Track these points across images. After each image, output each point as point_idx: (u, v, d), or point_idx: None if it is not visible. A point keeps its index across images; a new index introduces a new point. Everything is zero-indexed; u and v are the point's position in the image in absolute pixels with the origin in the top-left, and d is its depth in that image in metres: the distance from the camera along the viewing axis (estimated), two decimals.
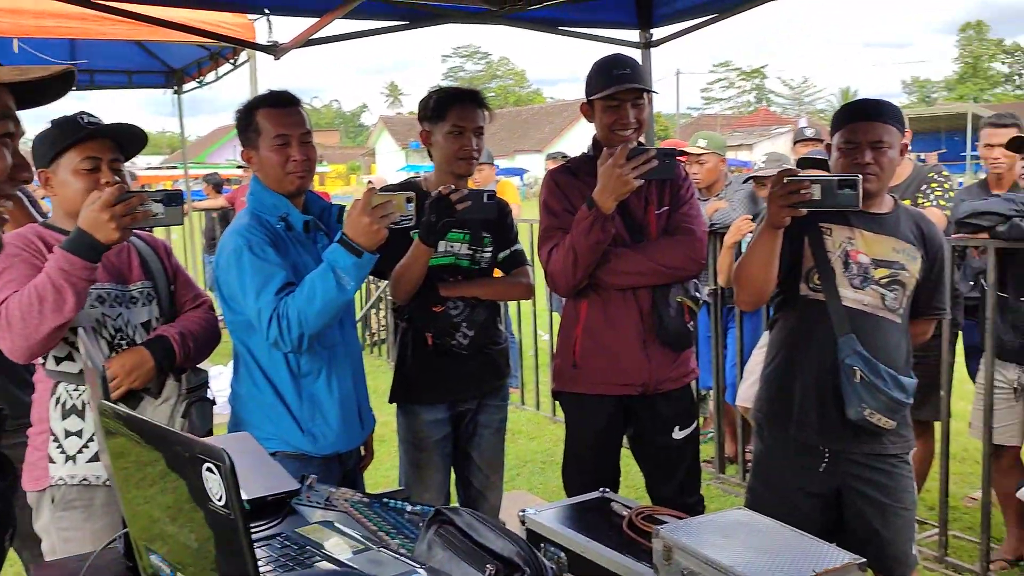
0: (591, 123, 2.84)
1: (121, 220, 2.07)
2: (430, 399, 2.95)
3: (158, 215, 2.16)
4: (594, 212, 2.61)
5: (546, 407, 6.26)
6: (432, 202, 2.68)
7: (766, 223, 2.39)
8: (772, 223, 2.37)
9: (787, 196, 2.29)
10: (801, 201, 2.29)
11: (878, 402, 2.39)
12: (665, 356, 2.82)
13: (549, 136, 52.51)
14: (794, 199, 2.29)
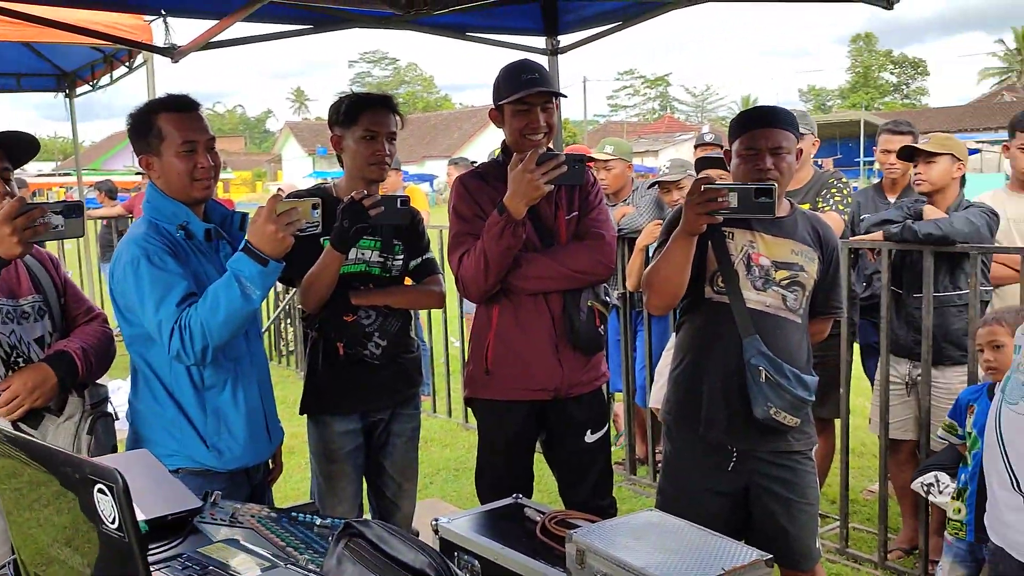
0: (500, 128, 2.84)
1: (23, 234, 1.98)
2: (342, 409, 2.90)
3: (58, 227, 2.06)
4: (505, 217, 2.60)
5: (458, 414, 6.24)
6: (344, 208, 2.64)
7: (681, 230, 2.41)
8: (688, 230, 2.40)
9: (704, 204, 2.33)
10: (718, 209, 2.33)
11: (783, 400, 2.45)
12: (577, 360, 2.83)
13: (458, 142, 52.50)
14: (711, 207, 2.32)
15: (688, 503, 2.46)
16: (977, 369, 3.30)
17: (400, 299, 2.94)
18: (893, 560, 3.84)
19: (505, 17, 4.08)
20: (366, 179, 2.84)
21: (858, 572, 3.83)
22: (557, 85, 2.77)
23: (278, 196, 2.32)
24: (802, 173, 4.02)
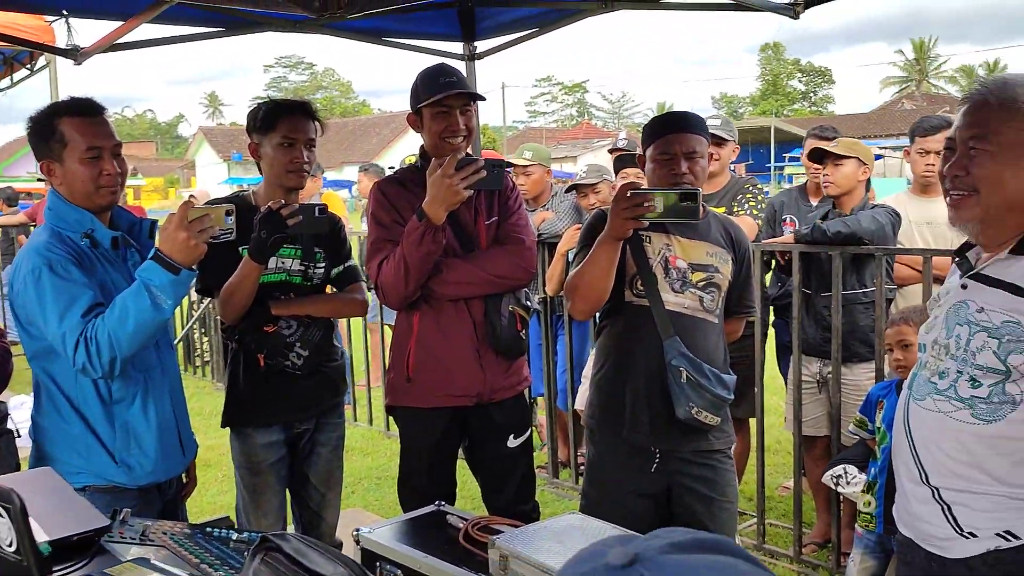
0: (419, 133, 2.83)
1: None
2: (264, 421, 2.85)
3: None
4: (424, 223, 2.59)
5: (379, 422, 6.17)
6: (261, 218, 2.59)
7: (607, 235, 2.43)
8: (614, 235, 2.41)
9: (632, 208, 2.35)
10: (644, 213, 2.35)
11: (704, 400, 2.49)
12: (499, 365, 2.83)
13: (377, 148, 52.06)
14: (638, 211, 2.35)
15: (612, 506, 2.48)
16: (884, 366, 3.42)
17: (322, 308, 2.90)
18: (808, 554, 3.95)
19: (422, 22, 4.06)
20: (285, 187, 2.80)
21: (775, 567, 3.92)
22: (475, 90, 2.77)
23: (190, 202, 2.26)
24: (720, 178, 4.12)
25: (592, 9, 3.78)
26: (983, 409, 1.73)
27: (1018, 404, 1.69)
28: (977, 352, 1.73)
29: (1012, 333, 1.69)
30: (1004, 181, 1.71)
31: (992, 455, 1.72)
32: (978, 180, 1.73)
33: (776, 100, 71.00)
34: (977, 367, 1.74)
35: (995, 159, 1.71)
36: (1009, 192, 1.72)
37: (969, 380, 1.75)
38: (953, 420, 1.77)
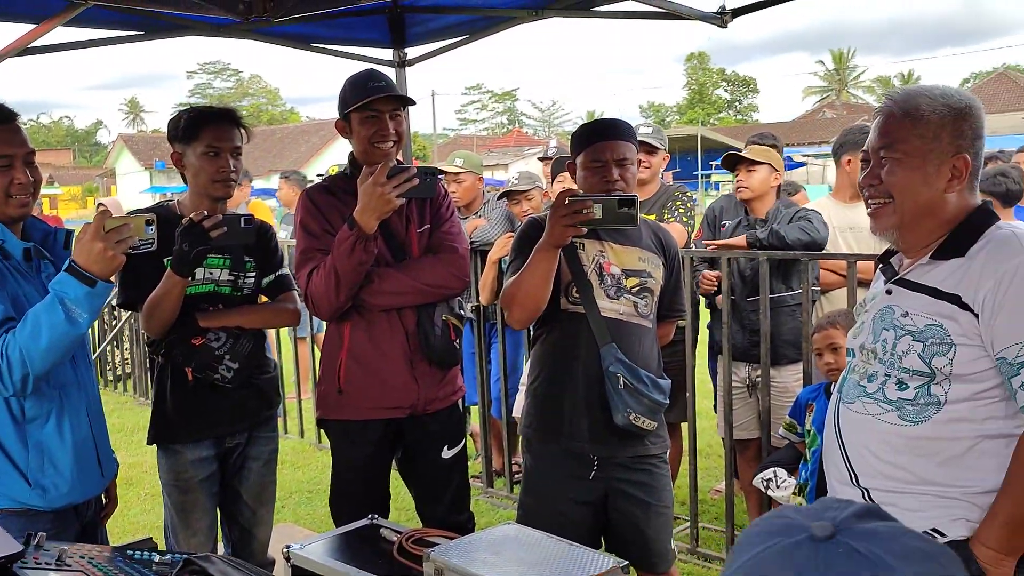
0: (348, 140, 2.78)
1: None
2: (194, 436, 2.76)
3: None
4: (356, 232, 2.54)
5: (310, 435, 6.07)
6: (183, 230, 2.51)
7: (546, 242, 2.41)
8: (553, 242, 2.41)
9: (571, 216, 2.34)
10: (583, 220, 2.34)
11: (642, 406, 2.50)
12: (432, 376, 2.79)
13: (306, 155, 51.40)
14: (578, 218, 2.34)
15: (550, 515, 2.47)
16: (812, 369, 3.49)
17: (252, 319, 2.83)
18: None
19: (351, 28, 4.01)
20: (211, 197, 2.72)
21: (708, 571, 3.96)
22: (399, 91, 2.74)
23: (107, 212, 2.17)
24: (650, 186, 4.16)
25: (523, 17, 3.79)
26: (909, 411, 1.77)
27: (942, 405, 1.74)
28: (903, 356, 1.78)
29: (935, 336, 1.73)
30: (915, 187, 1.78)
31: (919, 455, 1.76)
32: (891, 187, 1.80)
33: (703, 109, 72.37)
34: (904, 370, 1.78)
35: (904, 166, 1.78)
36: (921, 197, 1.79)
37: (896, 383, 1.80)
38: (881, 422, 1.81)
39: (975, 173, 1.80)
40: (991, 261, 1.71)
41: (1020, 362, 1.64)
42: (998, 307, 1.67)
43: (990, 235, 1.76)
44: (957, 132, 1.76)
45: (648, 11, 3.48)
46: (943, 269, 1.77)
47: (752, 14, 3.48)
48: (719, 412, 4.14)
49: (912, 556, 0.76)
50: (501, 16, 3.86)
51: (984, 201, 1.86)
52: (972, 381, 1.72)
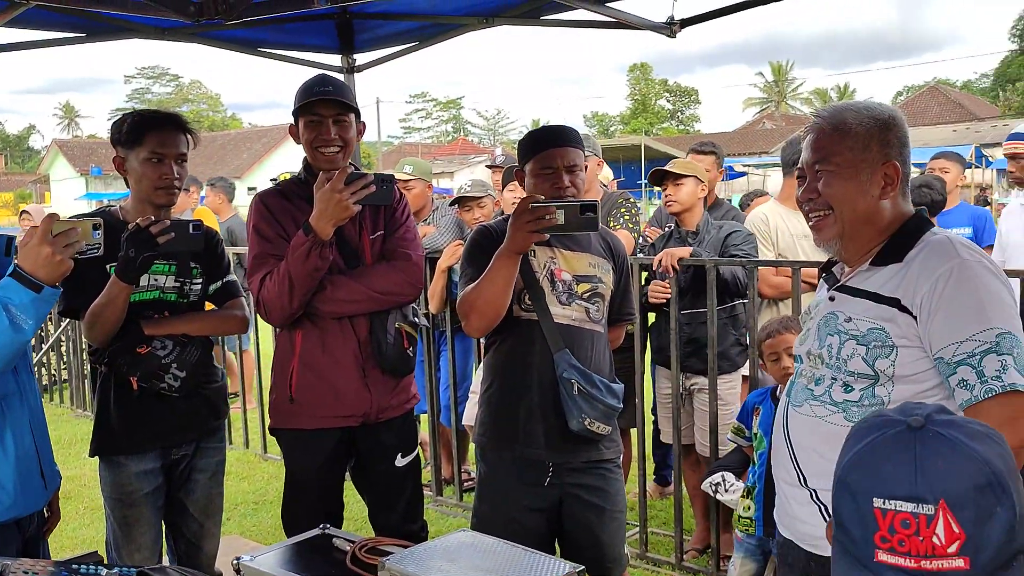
0: (300, 145, 2.75)
1: None
2: (139, 448, 2.70)
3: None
4: (311, 238, 2.51)
5: (256, 444, 5.98)
6: (129, 235, 2.46)
7: (508, 249, 2.41)
8: (516, 248, 2.40)
9: (535, 222, 2.34)
10: (547, 226, 2.35)
11: (596, 411, 2.51)
12: (385, 384, 2.77)
13: (248, 162, 50.74)
14: (542, 224, 2.34)
15: (505, 522, 2.46)
16: (759, 374, 3.55)
17: (199, 326, 2.78)
18: (689, 560, 4.04)
19: (299, 33, 3.98)
20: (154, 204, 2.67)
21: (657, 574, 3.99)
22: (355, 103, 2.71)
23: (54, 216, 2.12)
24: (590, 193, 4.20)
25: (472, 24, 3.80)
26: (855, 412, 1.82)
27: (885, 406, 1.79)
28: (848, 359, 1.83)
29: (877, 339, 1.79)
30: (852, 196, 1.86)
31: None
32: (829, 199, 1.88)
33: (645, 119, 73.23)
34: (849, 373, 1.84)
35: (839, 177, 1.86)
36: (859, 206, 1.87)
37: (843, 386, 1.85)
38: (828, 424, 1.86)
39: (905, 179, 1.87)
40: (927, 265, 1.77)
41: (957, 361, 1.69)
42: (934, 309, 1.72)
43: (926, 240, 1.82)
44: (884, 141, 1.84)
45: (598, 20, 3.52)
46: (883, 274, 1.83)
47: (694, 26, 3.54)
48: (662, 419, 4.21)
49: (978, 436, 1.10)
50: (451, 24, 3.87)
51: (919, 208, 1.93)
52: (913, 382, 1.78)
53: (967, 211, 4.83)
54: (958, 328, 1.70)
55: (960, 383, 1.69)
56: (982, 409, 1.65)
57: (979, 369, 1.67)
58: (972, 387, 1.67)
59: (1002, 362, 1.66)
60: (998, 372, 1.65)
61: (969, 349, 1.68)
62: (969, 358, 1.68)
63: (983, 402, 1.66)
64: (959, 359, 1.69)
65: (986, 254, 1.82)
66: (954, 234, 1.85)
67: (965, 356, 1.68)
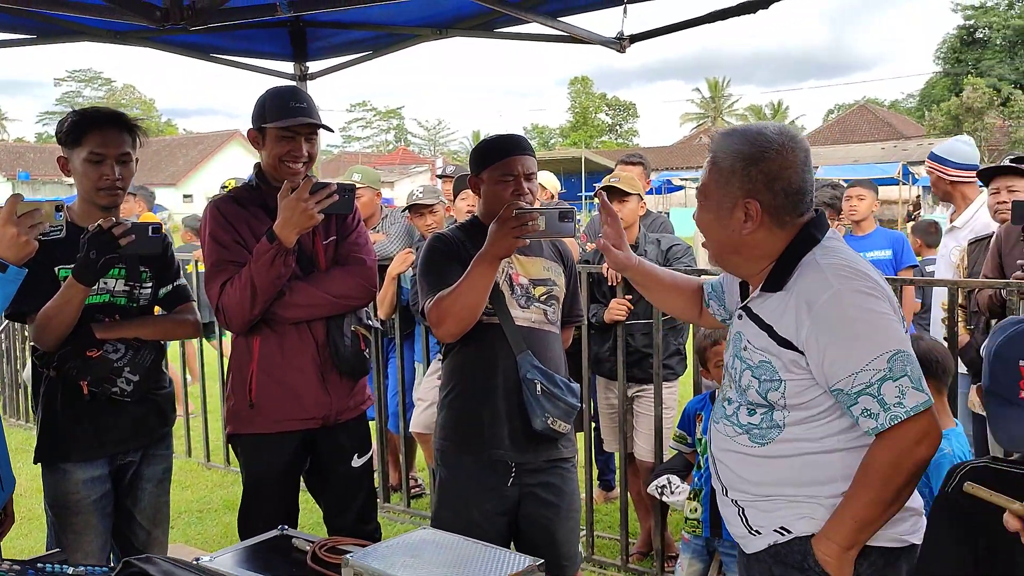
0: (257, 150, 2.77)
1: None
2: (87, 454, 2.67)
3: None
4: (276, 246, 2.54)
5: (198, 453, 5.91)
6: (91, 236, 2.45)
7: (490, 254, 2.43)
8: (499, 253, 2.44)
9: (519, 228, 2.38)
10: (530, 232, 2.40)
11: (558, 410, 2.58)
12: (343, 386, 2.80)
13: (184, 169, 49.85)
14: (525, 231, 2.39)
15: (467, 527, 2.49)
16: (701, 380, 3.67)
17: (151, 330, 2.77)
18: (634, 562, 4.14)
19: (253, 40, 3.98)
20: (97, 205, 2.66)
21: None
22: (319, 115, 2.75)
23: (18, 196, 2.13)
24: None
25: (426, 35, 3.85)
26: (756, 434, 1.92)
27: (783, 429, 1.88)
28: (746, 389, 1.92)
29: (766, 373, 1.87)
30: (712, 227, 1.94)
31: (767, 471, 1.91)
32: (698, 226, 1.97)
33: (586, 132, 73.90)
34: (749, 402, 1.93)
35: (703, 208, 1.95)
36: (717, 236, 1.94)
37: (747, 410, 1.94)
38: (735, 442, 1.96)
39: (775, 213, 1.86)
40: (805, 298, 1.80)
41: (856, 391, 1.74)
42: (823, 345, 1.76)
43: (801, 268, 1.85)
44: (746, 177, 1.85)
45: (550, 34, 3.60)
46: (770, 303, 1.88)
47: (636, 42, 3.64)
48: (607, 428, 4.31)
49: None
50: (405, 34, 3.91)
51: (816, 212, 1.93)
52: (806, 408, 1.85)
53: (885, 235, 5.05)
54: (850, 360, 1.74)
55: (864, 412, 1.74)
56: (891, 434, 1.73)
57: (880, 398, 1.72)
58: (876, 415, 1.73)
59: (899, 387, 1.72)
60: (898, 398, 1.71)
61: (866, 380, 1.73)
62: (868, 388, 1.73)
63: (887, 430, 1.72)
64: (858, 389, 1.74)
65: (855, 269, 1.83)
66: (824, 256, 1.85)
67: (863, 386, 1.73)
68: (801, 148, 1.88)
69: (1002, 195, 3.90)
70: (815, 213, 1.93)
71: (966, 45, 58.52)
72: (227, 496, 5.17)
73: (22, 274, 2.06)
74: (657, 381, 3.86)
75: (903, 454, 1.73)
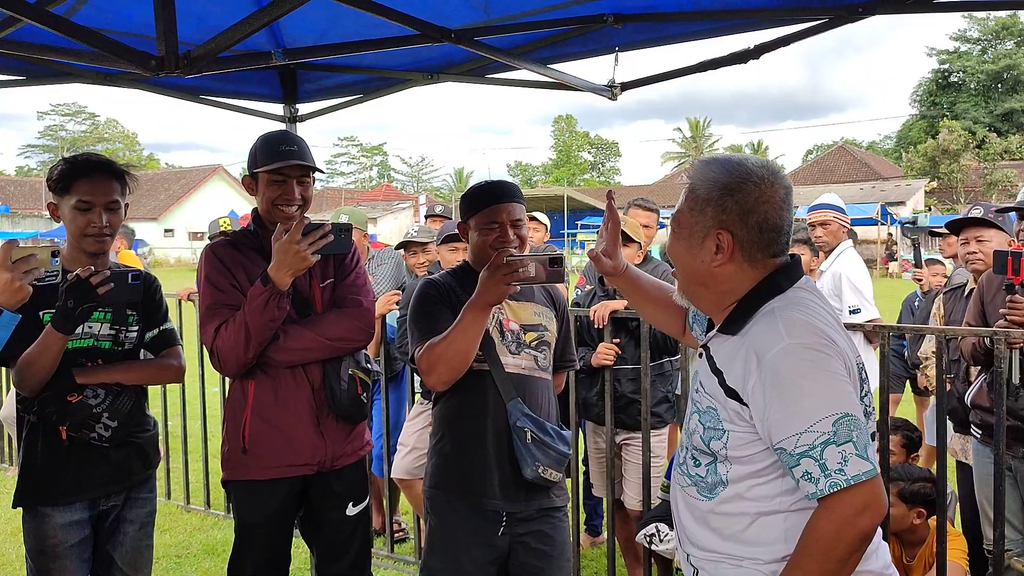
0: (253, 196, 2.77)
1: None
2: (66, 499, 2.63)
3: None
4: (269, 289, 2.52)
5: (178, 495, 5.82)
6: (69, 285, 2.43)
7: (482, 301, 2.41)
8: (491, 300, 2.42)
9: (511, 275, 2.37)
10: (521, 279, 2.39)
11: (549, 458, 2.55)
12: (339, 431, 2.77)
13: (166, 203, 49.77)
14: (516, 277, 2.38)
15: (457, 574, 2.47)
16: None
17: (133, 375, 2.74)
18: None
19: (243, 82, 3.99)
20: (85, 252, 2.65)
21: None
22: (312, 157, 2.75)
23: (14, 241, 2.12)
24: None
25: (417, 79, 3.87)
26: (703, 487, 1.84)
27: (727, 484, 1.80)
28: (692, 433, 1.85)
29: (711, 420, 1.79)
30: (682, 256, 1.87)
31: (711, 528, 1.83)
32: (668, 254, 1.91)
33: (568, 169, 74.49)
34: (695, 448, 1.86)
35: (676, 236, 1.88)
36: (686, 267, 1.87)
37: (693, 459, 1.87)
38: (687, 495, 1.88)
39: (747, 248, 1.79)
40: (755, 348, 1.71)
41: (799, 453, 1.63)
42: (769, 400, 1.67)
43: (761, 312, 1.77)
44: (721, 207, 1.78)
45: (541, 81, 3.62)
46: (725, 347, 1.79)
47: None
48: (595, 474, 4.28)
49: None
50: (396, 78, 3.93)
51: (791, 259, 1.85)
52: (746, 463, 1.77)
53: None
54: (794, 420, 1.64)
55: (804, 475, 1.64)
56: (827, 502, 1.62)
57: (821, 462, 1.61)
58: (816, 480, 1.62)
59: (842, 453, 1.61)
60: (840, 465, 1.60)
61: (809, 441, 1.62)
62: (810, 451, 1.62)
63: (826, 496, 1.62)
64: (800, 451, 1.63)
65: (811, 325, 1.71)
66: (784, 307, 1.76)
67: (806, 448, 1.62)
68: (782, 184, 1.80)
69: (971, 245, 3.98)
70: (789, 259, 1.85)
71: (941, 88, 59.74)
72: (207, 540, 5.08)
73: (15, 320, 2.04)
74: (645, 428, 3.83)
75: (844, 524, 1.62)
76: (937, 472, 3.14)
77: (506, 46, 3.47)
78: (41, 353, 2.47)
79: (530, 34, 3.41)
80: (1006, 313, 3.24)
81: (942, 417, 3.19)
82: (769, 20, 2.97)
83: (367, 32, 3.37)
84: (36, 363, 2.48)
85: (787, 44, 2.98)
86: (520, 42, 3.50)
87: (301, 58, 3.32)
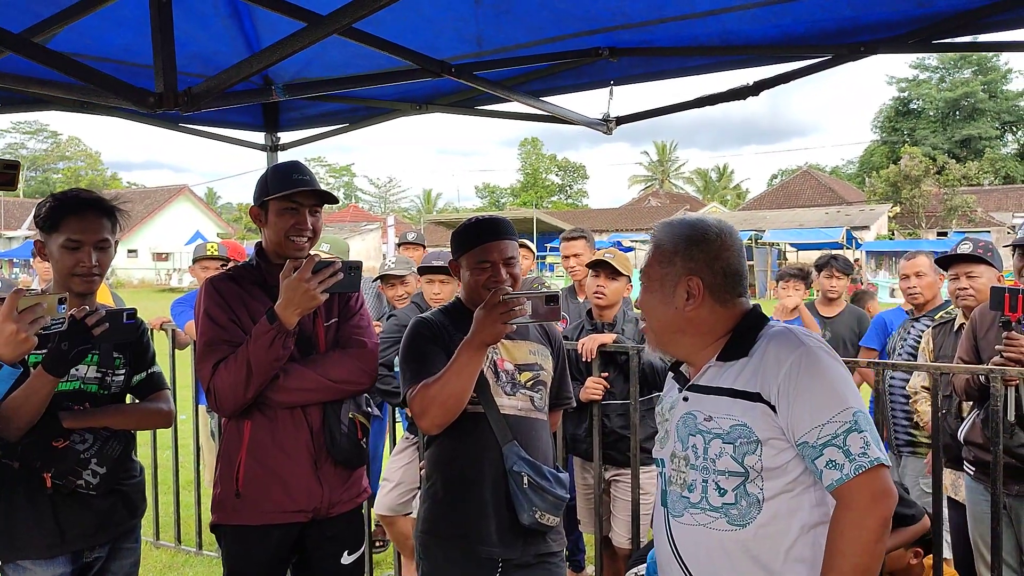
0: (260, 227, 2.70)
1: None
2: (48, 552, 2.51)
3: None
4: (276, 327, 2.44)
5: (147, 530, 5.62)
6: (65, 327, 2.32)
7: (479, 340, 2.35)
8: (488, 340, 2.36)
9: (508, 313, 2.32)
10: (517, 317, 2.34)
11: (546, 503, 2.48)
12: (338, 477, 2.67)
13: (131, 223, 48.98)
14: (512, 316, 2.32)
15: None
16: None
17: (122, 420, 2.64)
18: None
19: (224, 110, 3.89)
20: (73, 291, 2.54)
21: None
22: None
23: (20, 291, 2.03)
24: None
25: (405, 109, 3.80)
26: (735, 515, 1.85)
27: (762, 504, 1.83)
28: (716, 458, 1.87)
29: (741, 435, 1.84)
30: (654, 307, 2.00)
31: (752, 556, 1.83)
32: (641, 309, 2.04)
33: (536, 192, 74.72)
34: (719, 472, 1.86)
35: (647, 290, 2.02)
36: (658, 318, 2.00)
37: (715, 488, 1.87)
38: (713, 531, 1.87)
39: (716, 291, 1.94)
40: (776, 356, 1.85)
41: (822, 443, 1.76)
42: (792, 397, 1.80)
43: (766, 333, 1.91)
44: (688, 256, 1.95)
45: (534, 113, 3.58)
46: (733, 370, 1.90)
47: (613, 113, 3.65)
48: (583, 511, 4.20)
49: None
50: (383, 108, 3.86)
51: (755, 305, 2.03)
52: (782, 473, 1.83)
53: None
54: (818, 412, 1.78)
55: (828, 464, 1.76)
56: (852, 487, 1.74)
57: (845, 448, 1.75)
58: (841, 466, 1.75)
59: (863, 439, 1.76)
60: (863, 449, 1.75)
61: (832, 431, 1.76)
62: (834, 439, 1.76)
63: (852, 480, 1.74)
64: (824, 440, 1.77)
65: (819, 339, 1.92)
66: (787, 328, 1.94)
67: (830, 437, 1.76)
68: (736, 238, 2.01)
69: (961, 281, 3.98)
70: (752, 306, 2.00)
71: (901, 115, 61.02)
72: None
73: (16, 374, 1.95)
74: (634, 464, 3.77)
75: (864, 511, 1.74)
76: (933, 510, 3.10)
77: (498, 78, 3.41)
78: (28, 397, 2.34)
79: (524, 67, 3.36)
80: (1002, 350, 3.23)
81: (937, 455, 3.17)
82: (769, 57, 2.96)
83: (354, 60, 3.31)
84: (23, 407, 2.35)
85: (787, 81, 2.98)
86: (513, 74, 3.46)
87: (301, 93, 3.26)
